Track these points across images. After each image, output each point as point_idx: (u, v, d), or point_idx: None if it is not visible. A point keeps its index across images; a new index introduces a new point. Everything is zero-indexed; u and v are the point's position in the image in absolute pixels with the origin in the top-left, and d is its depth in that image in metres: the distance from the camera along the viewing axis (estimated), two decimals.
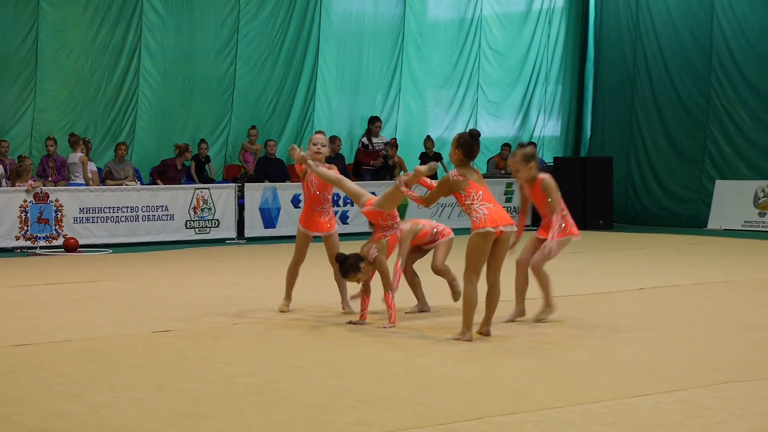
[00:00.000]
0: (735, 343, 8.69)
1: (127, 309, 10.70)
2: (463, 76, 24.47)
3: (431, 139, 22.67)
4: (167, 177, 19.50)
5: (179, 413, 6.30)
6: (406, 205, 20.89)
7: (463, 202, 8.83)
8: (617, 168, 23.23)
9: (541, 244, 9.86)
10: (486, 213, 8.70)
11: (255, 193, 19.42)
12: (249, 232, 19.32)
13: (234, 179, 20.86)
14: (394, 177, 21.37)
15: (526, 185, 9.99)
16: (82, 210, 17.75)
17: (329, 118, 22.92)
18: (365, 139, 22.29)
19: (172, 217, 18.61)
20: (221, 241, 19.00)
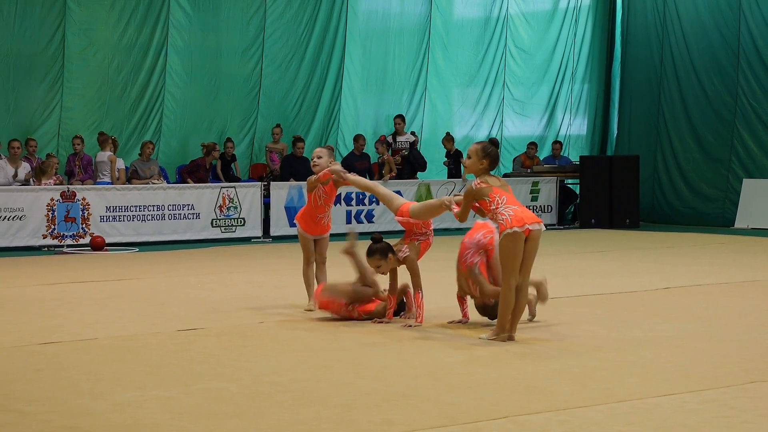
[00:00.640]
0: (763, 343, 8.65)
1: (153, 307, 10.74)
2: (489, 74, 24.43)
3: (451, 138, 22.52)
4: (197, 177, 19.56)
5: (205, 411, 6.32)
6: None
7: (488, 207, 8.77)
8: (644, 167, 23.15)
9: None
10: (511, 214, 8.64)
11: (281, 191, 19.45)
12: (275, 231, 19.35)
13: (260, 178, 20.91)
14: (383, 175, 21.10)
15: None
16: (108, 209, 17.82)
17: (355, 117, 22.93)
18: (390, 138, 22.26)
19: (198, 215, 18.66)
20: (247, 239, 19.03)
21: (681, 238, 19.36)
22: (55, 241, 17.35)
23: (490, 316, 9.41)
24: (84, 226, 17.55)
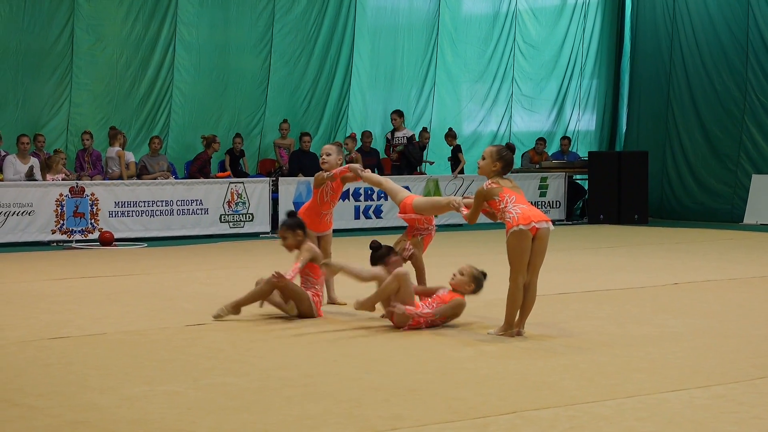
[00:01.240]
0: None
1: (161, 302, 10.76)
2: (498, 70, 24.42)
3: (453, 133, 22.45)
4: (204, 172, 19.54)
5: (214, 406, 6.32)
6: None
7: (498, 207, 8.74)
8: (653, 162, 23.12)
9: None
10: (518, 212, 8.61)
11: (289, 187, 19.46)
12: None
13: (268, 173, 20.91)
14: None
15: None
16: (117, 204, 17.84)
17: (363, 113, 22.94)
18: (389, 135, 22.23)
19: (206, 211, 18.67)
20: (255, 235, 19.04)
21: (690, 234, 19.33)
22: (64, 237, 17.37)
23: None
24: (93, 221, 17.57)
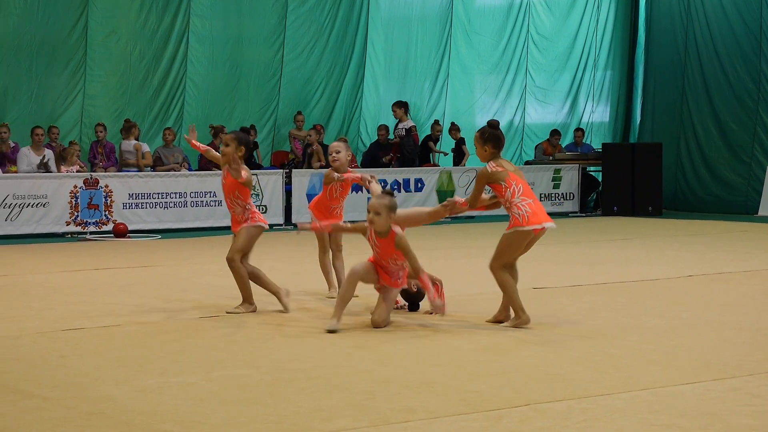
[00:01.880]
0: None
1: (175, 294, 10.78)
2: (512, 61, 24.39)
3: (456, 127, 22.42)
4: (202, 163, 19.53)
5: (227, 398, 6.33)
6: (454, 191, 20.89)
7: (503, 194, 8.64)
8: (667, 154, 23.06)
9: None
10: (529, 211, 8.61)
11: (302, 179, 19.46)
12: (296, 218, 19.32)
13: (281, 165, 20.92)
14: (312, 166, 20.15)
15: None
16: (131, 196, 17.87)
17: (377, 105, 22.94)
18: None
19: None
20: (269, 227, 19.01)
21: (704, 226, 19.28)
22: (78, 228, 17.41)
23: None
24: (107, 213, 17.61)
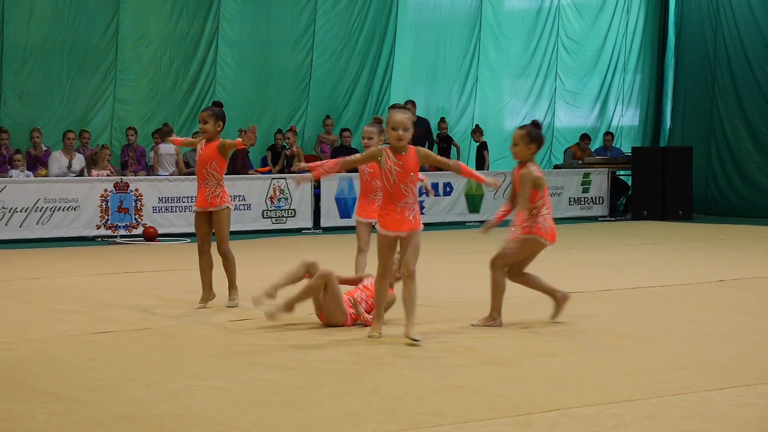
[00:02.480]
0: None
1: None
2: (541, 65, 24.34)
3: (480, 130, 22.39)
4: (245, 165, 19.55)
5: (257, 401, 6.34)
6: (482, 195, 20.86)
7: (535, 201, 8.84)
8: (697, 158, 22.95)
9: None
10: (549, 226, 8.85)
11: (331, 183, 19.46)
12: (325, 222, 19.38)
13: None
14: (293, 169, 19.52)
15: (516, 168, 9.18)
16: (161, 199, 17.92)
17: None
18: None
19: (249, 206, 18.72)
20: (297, 230, 19.08)
21: (735, 230, 19.18)
22: (109, 232, 17.49)
23: None
24: (137, 216, 17.68)
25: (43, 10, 19.02)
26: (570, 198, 21.98)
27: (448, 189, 20.64)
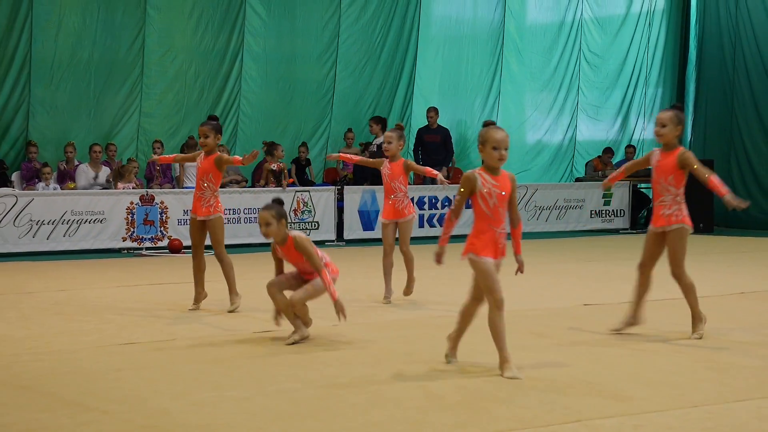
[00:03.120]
0: None
1: (229, 309, 10.82)
2: (564, 79, 24.32)
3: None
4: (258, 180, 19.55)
5: (280, 413, 6.35)
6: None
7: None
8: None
9: (660, 238, 9.04)
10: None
11: (354, 195, 19.49)
12: (348, 234, 19.40)
13: (333, 182, 20.97)
14: (281, 186, 18.84)
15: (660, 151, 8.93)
16: (186, 212, 17.94)
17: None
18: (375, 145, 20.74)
19: None
20: (321, 242, 19.06)
21: (756, 243, 19.10)
22: (134, 244, 17.54)
23: None
24: (162, 229, 17.73)
25: (70, 26, 19.14)
26: (591, 211, 21.92)
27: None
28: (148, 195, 17.71)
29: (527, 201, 21.02)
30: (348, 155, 12.12)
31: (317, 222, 19.16)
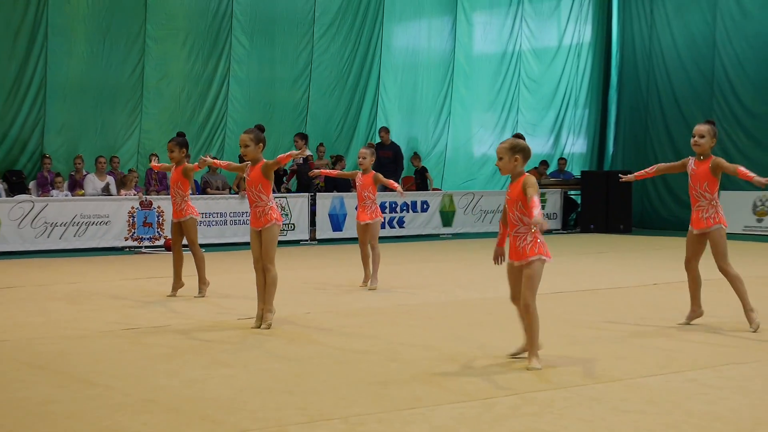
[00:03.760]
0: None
1: (217, 299, 10.81)
2: (505, 101, 24.42)
3: (418, 156, 22.47)
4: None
5: (262, 388, 6.36)
6: (454, 212, 20.89)
7: (533, 212, 6.66)
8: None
9: (701, 240, 8.74)
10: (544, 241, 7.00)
11: (325, 201, 19.51)
12: (320, 235, 19.40)
13: (306, 189, 20.94)
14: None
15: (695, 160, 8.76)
16: None
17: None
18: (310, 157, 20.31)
19: None
20: (296, 242, 19.09)
21: (667, 242, 19.26)
22: (135, 243, 17.47)
23: None
24: (159, 230, 17.66)
25: (80, 53, 19.02)
26: None
27: (425, 206, 20.66)
28: (146, 201, 17.63)
29: (474, 206, 21.12)
30: (327, 171, 12.99)
31: (293, 224, 19.15)
